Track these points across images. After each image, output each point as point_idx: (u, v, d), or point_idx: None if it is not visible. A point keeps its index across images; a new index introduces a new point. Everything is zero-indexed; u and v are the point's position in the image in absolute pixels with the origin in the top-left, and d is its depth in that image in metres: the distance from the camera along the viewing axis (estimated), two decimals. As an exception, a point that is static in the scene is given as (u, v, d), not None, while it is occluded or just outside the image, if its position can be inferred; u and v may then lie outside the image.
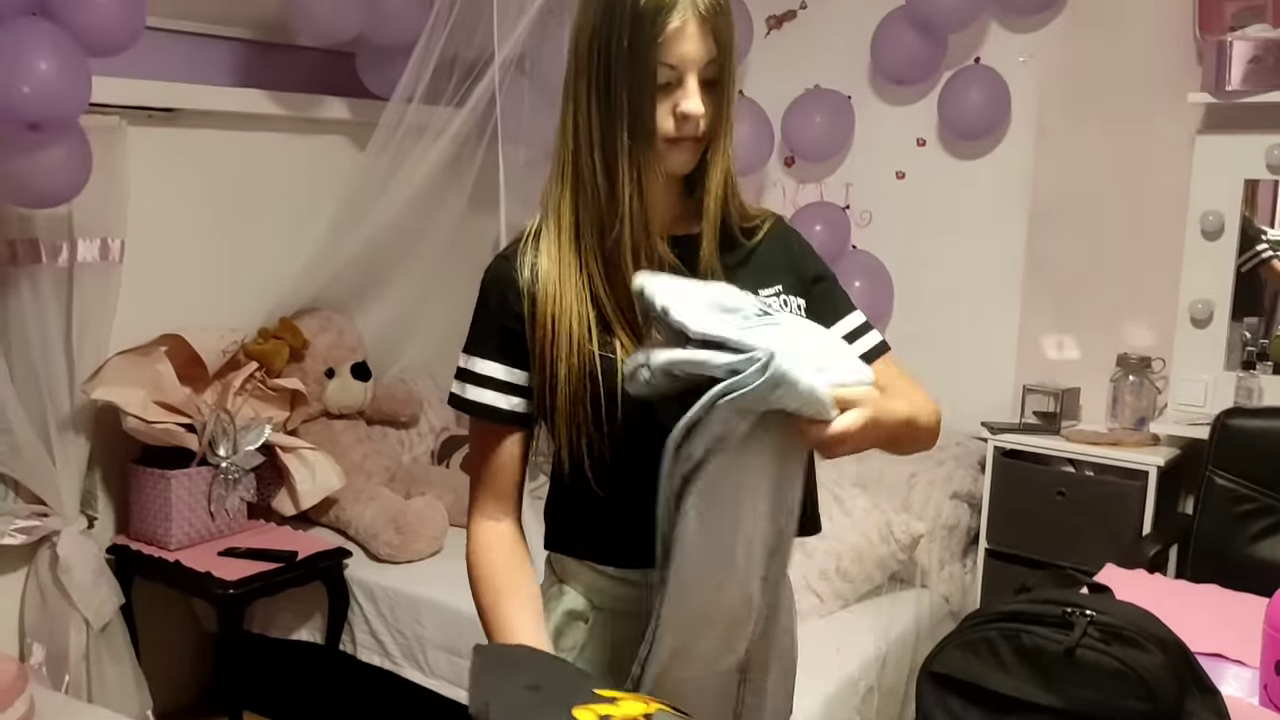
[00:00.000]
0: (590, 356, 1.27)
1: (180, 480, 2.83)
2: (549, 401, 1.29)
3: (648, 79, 1.23)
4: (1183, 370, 2.95)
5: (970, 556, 3.12)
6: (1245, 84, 2.71)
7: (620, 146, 1.25)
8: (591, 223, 1.28)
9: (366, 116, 3.33)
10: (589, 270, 1.29)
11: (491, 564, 1.35)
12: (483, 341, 1.33)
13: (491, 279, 1.33)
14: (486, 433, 1.35)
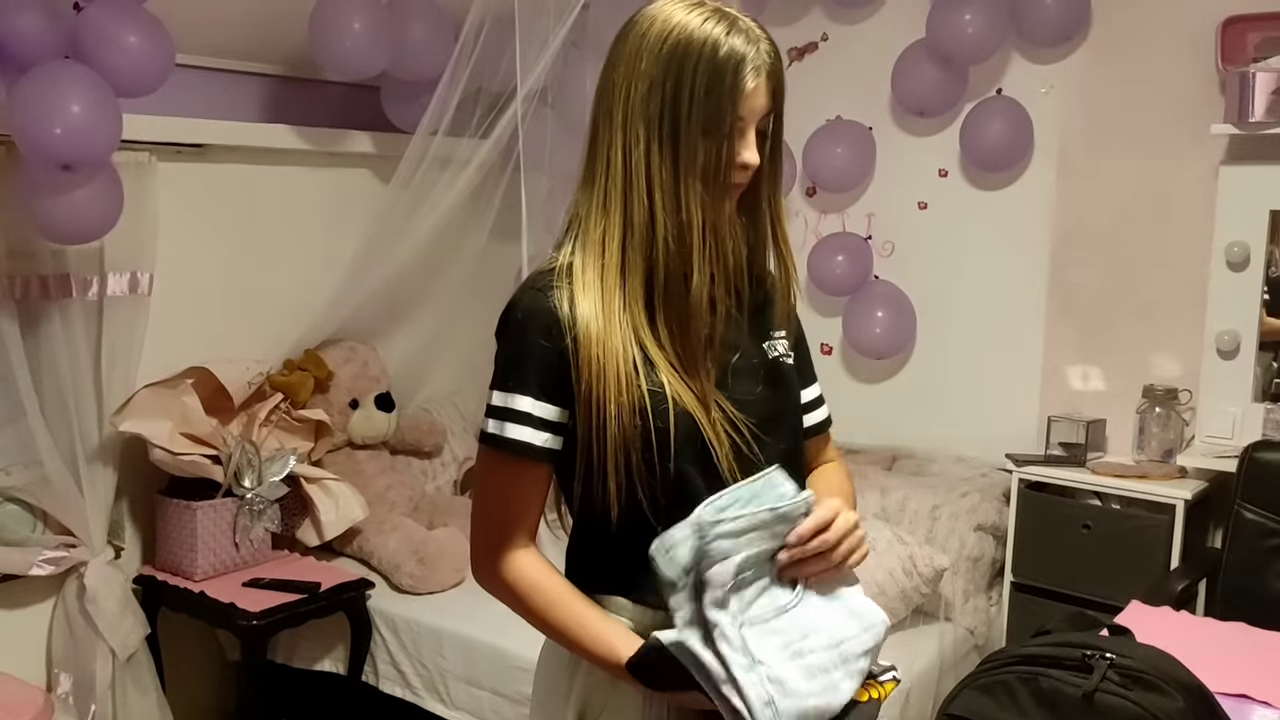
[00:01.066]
0: (640, 394, 1.26)
1: (206, 511, 2.85)
2: (597, 443, 1.27)
3: (726, 129, 1.26)
4: (1210, 402, 2.92)
5: (995, 589, 3.09)
6: (1269, 115, 2.70)
7: (693, 193, 1.26)
8: (638, 261, 1.28)
9: (391, 150, 3.36)
10: (631, 309, 1.29)
11: (555, 581, 1.33)
12: (523, 378, 1.28)
13: (529, 313, 1.29)
14: (520, 470, 1.32)
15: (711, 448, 1.29)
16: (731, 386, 1.34)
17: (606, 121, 1.29)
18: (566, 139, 3.43)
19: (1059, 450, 3.09)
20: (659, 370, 1.28)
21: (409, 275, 3.45)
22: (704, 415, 1.29)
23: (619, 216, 1.28)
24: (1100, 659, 1.21)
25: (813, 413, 1.49)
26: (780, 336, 1.42)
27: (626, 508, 1.28)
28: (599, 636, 1.28)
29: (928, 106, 3.31)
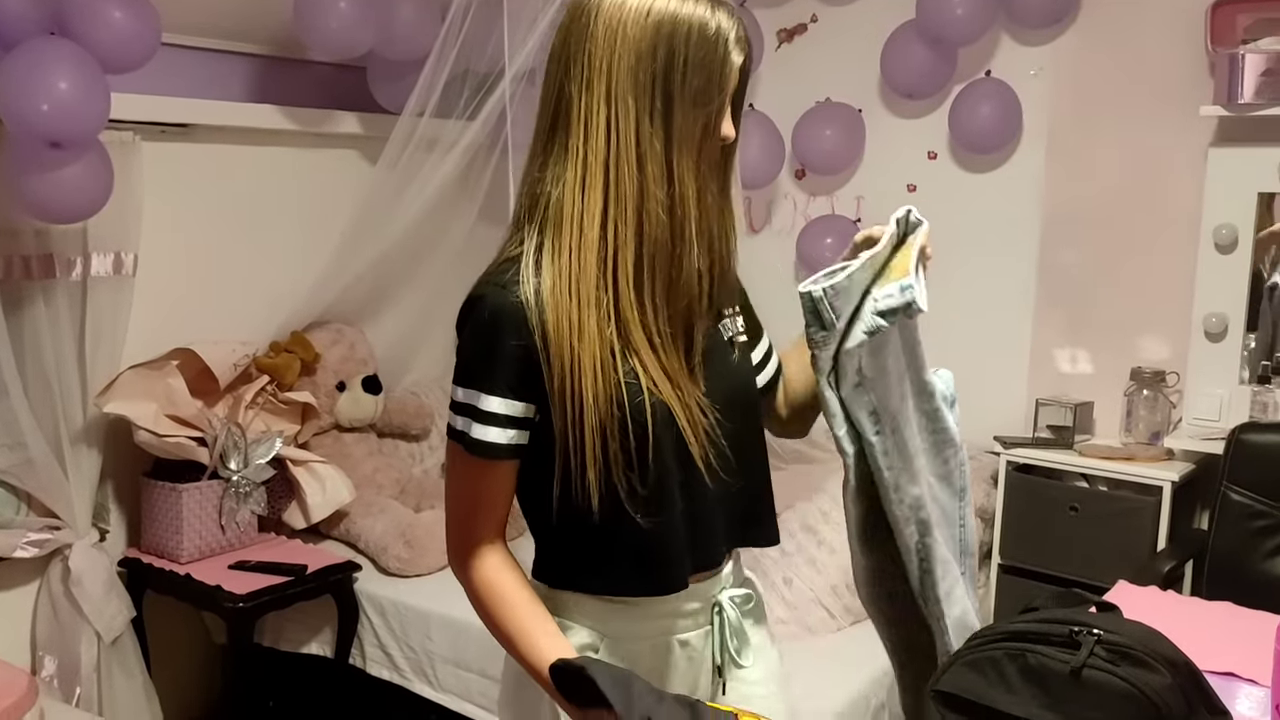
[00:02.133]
0: (616, 384, 1.25)
1: (191, 493, 2.84)
2: (574, 433, 1.24)
3: (717, 104, 1.27)
4: (1197, 384, 2.93)
5: (983, 571, 3.09)
6: (1258, 97, 2.70)
7: (687, 166, 1.26)
8: (629, 234, 1.25)
9: (377, 131, 3.34)
10: (615, 287, 1.25)
11: (510, 589, 1.31)
12: (490, 377, 1.26)
13: (495, 311, 1.25)
14: (487, 469, 1.30)
15: (685, 435, 1.29)
16: (703, 369, 1.34)
17: (583, 95, 1.24)
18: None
19: (1047, 433, 3.09)
20: (639, 353, 1.27)
21: (396, 257, 3.43)
22: (678, 402, 1.29)
23: (600, 192, 1.24)
24: (1088, 635, 1.21)
25: (767, 365, 1.50)
26: (731, 313, 1.42)
27: (606, 498, 1.26)
28: (533, 649, 1.27)
29: (917, 89, 3.30)
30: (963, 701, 1.22)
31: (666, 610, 1.37)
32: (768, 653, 1.49)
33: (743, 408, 1.38)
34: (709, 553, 1.38)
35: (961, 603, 1.41)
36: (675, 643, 1.39)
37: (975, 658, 1.23)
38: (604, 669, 1.19)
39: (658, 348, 1.28)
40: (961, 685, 1.22)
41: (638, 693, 1.16)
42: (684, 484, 1.31)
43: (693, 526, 1.33)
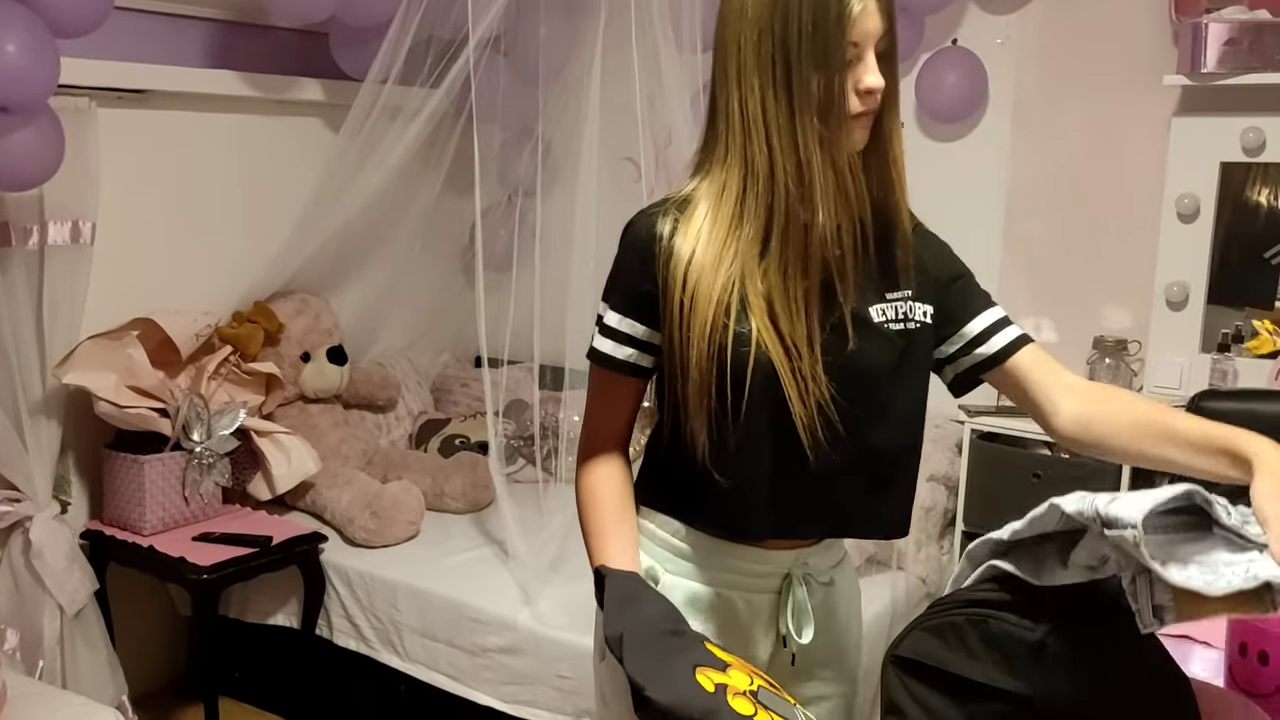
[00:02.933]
0: (723, 340, 1.28)
1: (153, 465, 2.81)
2: (679, 377, 1.31)
3: (838, 59, 1.24)
4: (1158, 353, 2.96)
5: (948, 538, 3.13)
6: (1220, 66, 2.71)
7: (810, 130, 1.25)
8: (758, 209, 1.28)
9: (340, 98, 3.30)
10: (741, 253, 1.29)
11: (604, 494, 1.40)
12: (615, 292, 1.37)
13: (633, 236, 1.35)
14: (605, 380, 1.40)
15: (790, 401, 1.28)
16: (832, 341, 1.31)
17: (723, 80, 1.30)
18: (520, 88, 3.38)
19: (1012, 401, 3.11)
20: (755, 315, 1.29)
21: (361, 226, 3.40)
22: (787, 368, 1.28)
23: (738, 169, 1.29)
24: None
25: (999, 334, 1.41)
26: (899, 296, 1.36)
27: (705, 449, 1.31)
28: (600, 548, 1.36)
29: (883, 57, 3.29)
30: (922, 667, 1.23)
31: (733, 565, 1.40)
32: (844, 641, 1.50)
33: (862, 390, 1.33)
34: (795, 525, 1.38)
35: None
36: (738, 599, 1.41)
37: (936, 623, 1.23)
38: (623, 581, 1.25)
39: (778, 315, 1.28)
40: (921, 650, 1.23)
41: (638, 612, 1.19)
42: (778, 450, 1.31)
43: (779, 494, 1.33)
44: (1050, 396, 1.40)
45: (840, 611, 1.49)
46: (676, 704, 1.08)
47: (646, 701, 1.09)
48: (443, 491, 3.28)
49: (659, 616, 1.21)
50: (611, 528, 1.38)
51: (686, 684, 1.10)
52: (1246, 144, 2.78)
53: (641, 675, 1.11)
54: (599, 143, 2.87)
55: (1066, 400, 1.39)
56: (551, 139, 3.43)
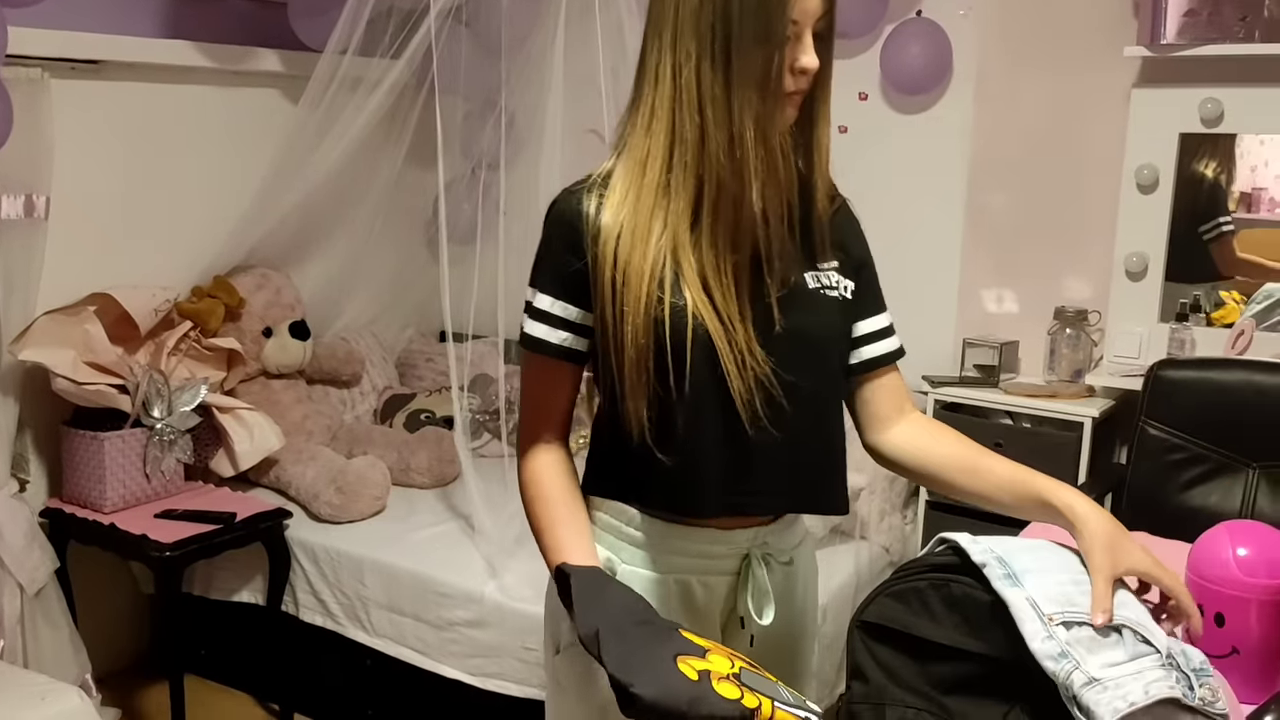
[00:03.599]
0: (660, 316, 1.26)
1: (113, 442, 2.77)
2: (614, 354, 1.28)
3: (779, 35, 1.23)
4: (1118, 323, 3.00)
5: (911, 508, 3.16)
6: (1180, 37, 2.73)
7: (745, 105, 1.23)
8: (686, 179, 1.26)
9: (300, 69, 3.26)
10: (672, 224, 1.27)
11: (550, 485, 1.36)
12: (544, 275, 1.34)
13: (557, 216, 1.33)
14: (540, 366, 1.37)
15: (727, 374, 1.27)
16: (764, 315, 1.30)
17: (655, 42, 1.28)
18: (483, 60, 3.35)
19: (974, 372, 3.14)
20: (690, 289, 1.27)
21: (322, 200, 3.37)
22: (725, 341, 1.27)
23: (664, 137, 1.27)
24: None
25: (875, 343, 1.43)
26: (829, 267, 1.37)
27: (639, 428, 1.29)
28: (556, 545, 1.32)
29: (848, 28, 3.28)
30: (887, 631, 1.24)
31: (688, 548, 1.38)
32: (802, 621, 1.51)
33: (810, 363, 1.34)
34: (745, 503, 1.36)
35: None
36: (695, 582, 1.39)
37: (900, 589, 1.25)
38: (592, 578, 1.22)
39: (712, 288, 1.27)
40: (886, 615, 1.24)
41: (608, 606, 1.17)
42: (722, 427, 1.30)
43: (730, 473, 1.32)
44: (890, 417, 1.44)
45: (799, 592, 1.49)
46: (663, 697, 1.07)
47: (634, 698, 1.07)
48: (408, 466, 3.27)
49: (630, 609, 1.19)
50: (563, 521, 1.34)
51: (670, 675, 1.09)
52: (1205, 115, 2.81)
53: (624, 671, 1.09)
54: (563, 115, 2.85)
55: (901, 426, 1.43)
56: (515, 111, 3.40)
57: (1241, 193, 2.99)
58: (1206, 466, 2.60)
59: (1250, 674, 1.44)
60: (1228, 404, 2.52)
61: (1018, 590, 1.17)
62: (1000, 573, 1.19)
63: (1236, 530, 1.49)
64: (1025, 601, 1.16)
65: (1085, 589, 1.19)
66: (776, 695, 1.11)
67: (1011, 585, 1.17)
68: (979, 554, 1.21)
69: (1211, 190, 3.03)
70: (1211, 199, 3.04)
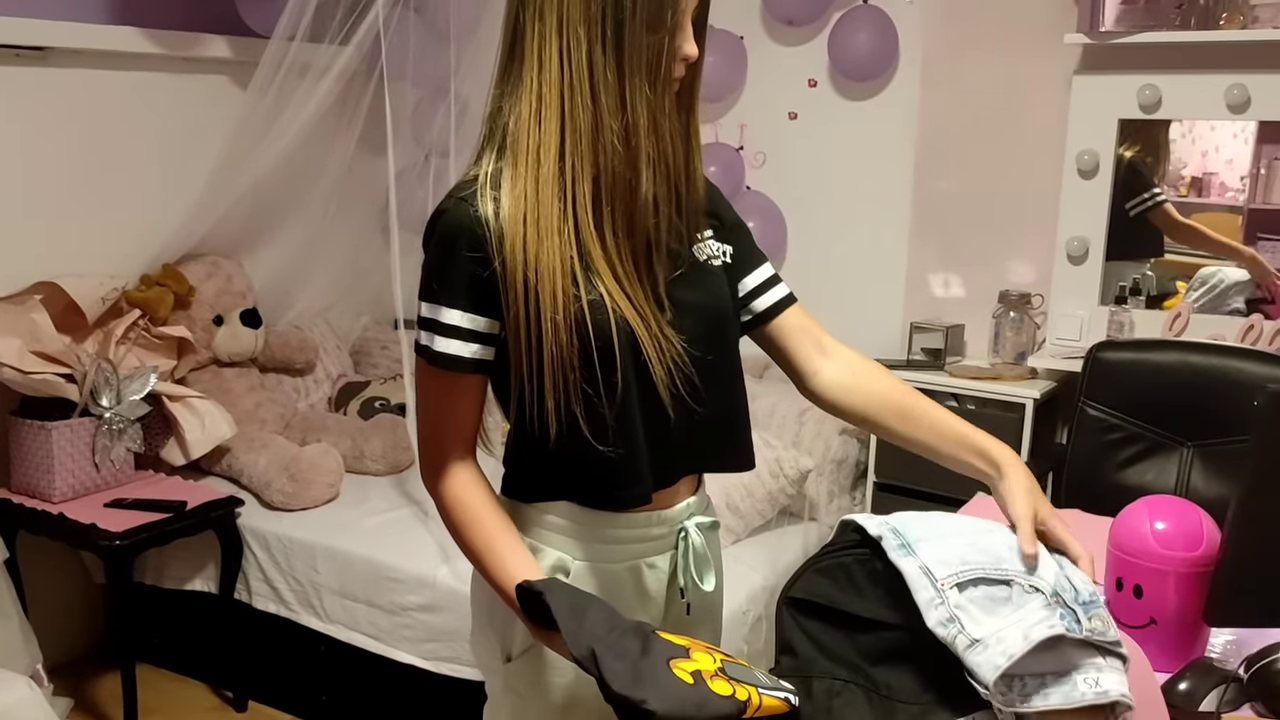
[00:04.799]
0: (580, 308, 1.24)
1: (61, 431, 2.76)
2: (531, 362, 1.25)
3: (672, 23, 1.23)
4: (1060, 306, 3.06)
5: (860, 489, 3.21)
6: (1118, 24, 2.79)
7: (638, 93, 1.23)
8: (584, 167, 1.25)
9: (248, 55, 3.24)
10: (575, 213, 1.25)
11: (476, 506, 1.32)
12: (449, 290, 1.27)
13: (452, 224, 1.26)
14: (452, 383, 1.31)
15: (649, 361, 1.28)
16: (670, 296, 1.32)
17: (536, 25, 1.23)
18: (433, 46, 3.35)
19: (922, 355, 3.19)
20: (602, 279, 1.26)
21: (273, 187, 3.35)
22: (643, 328, 1.28)
23: (556, 124, 1.23)
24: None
25: (766, 293, 1.45)
26: (707, 237, 1.39)
27: (566, 425, 1.28)
28: (500, 566, 1.29)
29: (796, 15, 3.32)
30: (815, 605, 1.27)
31: (633, 535, 1.38)
32: (721, 586, 1.51)
33: (714, 335, 1.36)
34: (673, 479, 1.38)
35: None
36: (644, 566, 1.40)
37: (826, 564, 1.28)
38: (563, 593, 1.19)
39: (621, 276, 1.28)
40: (814, 591, 1.27)
41: (591, 621, 1.16)
42: (646, 411, 1.31)
43: (656, 452, 1.33)
44: (811, 358, 1.46)
45: (715, 554, 1.51)
46: (675, 708, 1.06)
47: (649, 714, 1.06)
48: (363, 454, 3.27)
49: (609, 620, 1.17)
50: (498, 538, 1.31)
51: (672, 683, 1.09)
52: (1143, 101, 2.87)
53: (633, 689, 1.08)
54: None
55: (827, 365, 1.46)
56: (468, 98, 3.40)
57: (1193, 177, 3.05)
58: (1143, 445, 2.66)
59: (1168, 644, 1.49)
60: (1164, 384, 2.58)
61: (911, 560, 1.21)
62: (895, 543, 1.22)
63: (1155, 505, 1.54)
64: (919, 570, 1.19)
65: (981, 548, 1.23)
66: (757, 682, 1.13)
67: (905, 555, 1.21)
68: (875, 528, 1.25)
69: (1136, 171, 3.10)
70: (1138, 177, 3.10)
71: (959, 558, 1.21)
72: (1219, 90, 2.76)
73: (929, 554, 1.21)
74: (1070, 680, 1.15)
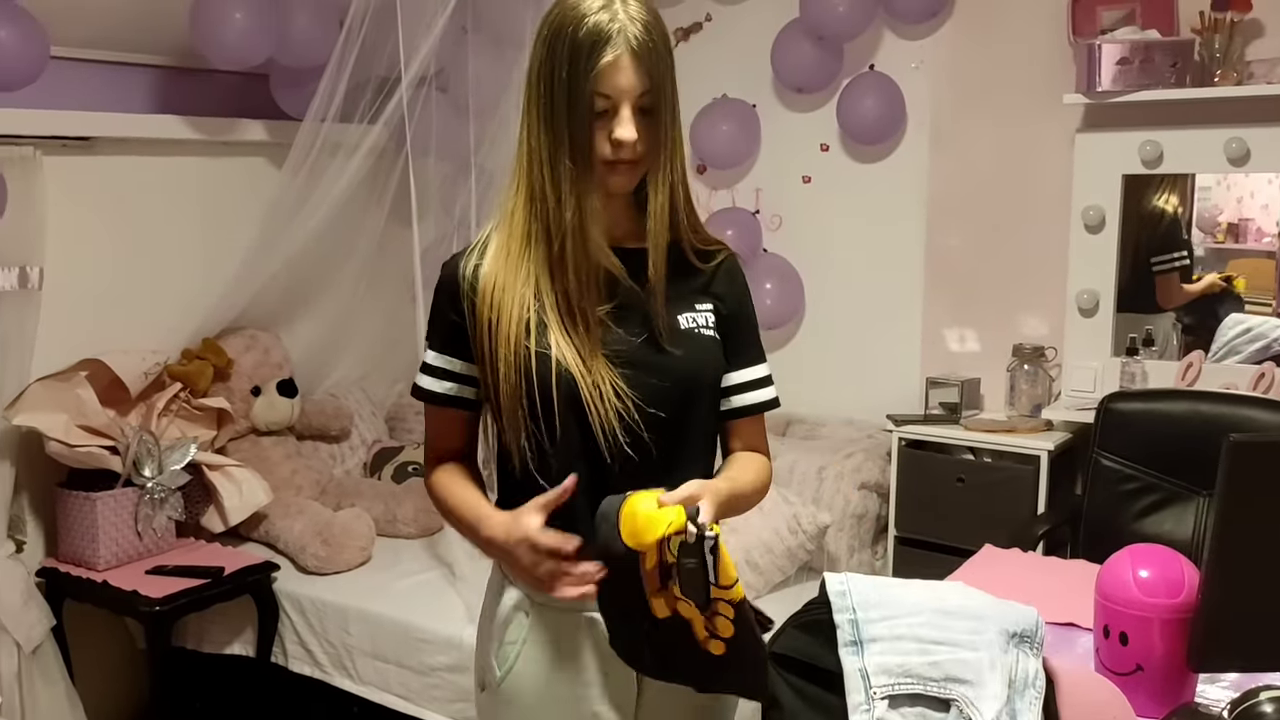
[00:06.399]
0: (526, 353, 1.39)
1: (105, 501, 2.88)
2: (493, 396, 1.43)
3: (583, 108, 1.36)
4: (1073, 358, 3.09)
5: (881, 544, 3.24)
6: (1115, 84, 2.85)
7: (563, 168, 1.37)
8: (540, 231, 1.40)
9: (283, 137, 3.39)
10: (535, 273, 1.41)
11: (455, 482, 1.51)
12: (433, 333, 1.50)
13: (442, 279, 1.48)
14: (433, 413, 1.53)
15: (589, 409, 1.38)
16: (622, 355, 1.42)
17: (524, 107, 1.42)
18: (458, 122, 3.48)
19: (939, 410, 3.23)
20: (550, 332, 1.40)
21: (308, 261, 3.48)
22: (585, 379, 1.39)
23: (524, 193, 1.41)
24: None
25: (744, 394, 1.53)
26: (703, 309, 1.49)
27: (520, 460, 1.42)
28: (472, 515, 1.45)
29: (806, 83, 3.42)
30: (795, 661, 1.33)
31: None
32: None
33: (677, 397, 1.44)
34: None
35: None
36: (595, 619, 1.41)
37: (805, 621, 1.34)
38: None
39: (569, 329, 1.40)
40: (793, 647, 1.33)
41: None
42: (588, 456, 1.41)
43: (596, 497, 1.37)
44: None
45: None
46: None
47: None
48: (395, 517, 3.36)
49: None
50: (470, 495, 1.48)
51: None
52: (1145, 156, 2.92)
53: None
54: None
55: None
56: (493, 171, 3.53)
57: (1229, 223, 3.09)
58: (1159, 495, 2.67)
59: (1155, 690, 1.52)
60: (1176, 434, 2.60)
61: (854, 659, 1.26)
62: (849, 637, 1.28)
63: (1138, 554, 1.58)
64: (856, 672, 1.25)
65: (935, 640, 1.28)
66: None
67: (852, 653, 1.27)
68: (838, 612, 1.30)
69: (1177, 224, 3.14)
70: (1173, 235, 3.15)
71: (903, 667, 1.25)
72: (1218, 144, 2.82)
73: (876, 654, 1.26)
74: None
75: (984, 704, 1.23)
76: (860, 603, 1.30)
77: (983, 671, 1.26)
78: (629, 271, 1.44)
